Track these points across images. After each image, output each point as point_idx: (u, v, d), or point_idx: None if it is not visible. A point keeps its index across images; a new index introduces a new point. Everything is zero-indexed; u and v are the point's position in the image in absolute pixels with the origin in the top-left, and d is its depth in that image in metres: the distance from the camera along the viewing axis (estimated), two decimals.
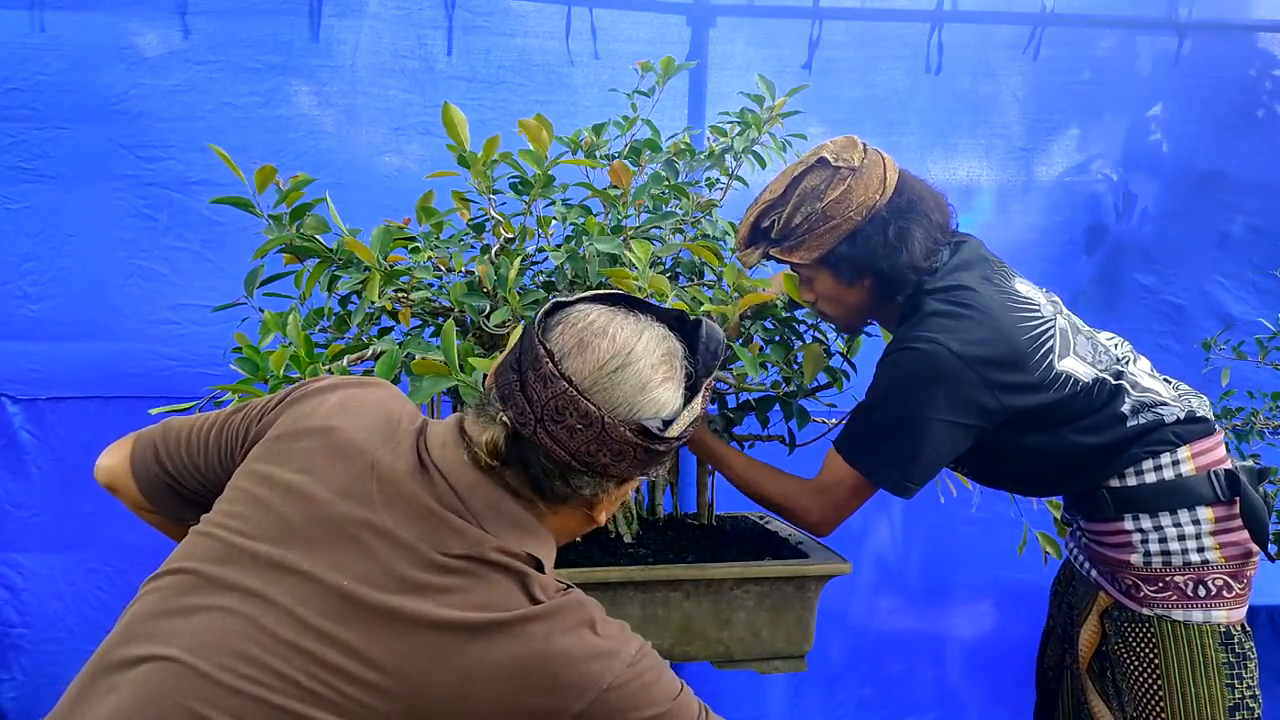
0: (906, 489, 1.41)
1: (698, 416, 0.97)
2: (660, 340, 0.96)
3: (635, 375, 0.92)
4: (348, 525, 0.89)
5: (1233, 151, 2.81)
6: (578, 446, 0.91)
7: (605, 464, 0.92)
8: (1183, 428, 1.45)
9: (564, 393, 0.90)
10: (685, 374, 0.96)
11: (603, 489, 0.95)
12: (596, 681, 0.87)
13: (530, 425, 0.91)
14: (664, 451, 0.95)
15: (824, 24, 2.65)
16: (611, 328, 0.94)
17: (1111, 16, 2.77)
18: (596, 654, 0.88)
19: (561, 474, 0.93)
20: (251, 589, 0.86)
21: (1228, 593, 1.42)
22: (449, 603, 0.86)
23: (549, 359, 0.91)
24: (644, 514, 1.74)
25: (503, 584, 0.88)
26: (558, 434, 0.91)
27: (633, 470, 0.95)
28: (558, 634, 0.88)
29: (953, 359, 1.35)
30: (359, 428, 0.95)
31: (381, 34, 2.47)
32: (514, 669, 0.85)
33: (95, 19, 2.34)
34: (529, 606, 0.88)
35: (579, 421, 0.90)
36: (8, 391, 2.32)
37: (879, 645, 2.76)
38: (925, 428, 1.37)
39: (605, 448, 0.91)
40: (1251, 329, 2.60)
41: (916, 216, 1.44)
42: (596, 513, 0.99)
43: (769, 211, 1.47)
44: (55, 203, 2.33)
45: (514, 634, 0.86)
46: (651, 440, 0.92)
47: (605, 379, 0.91)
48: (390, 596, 0.85)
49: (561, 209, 1.57)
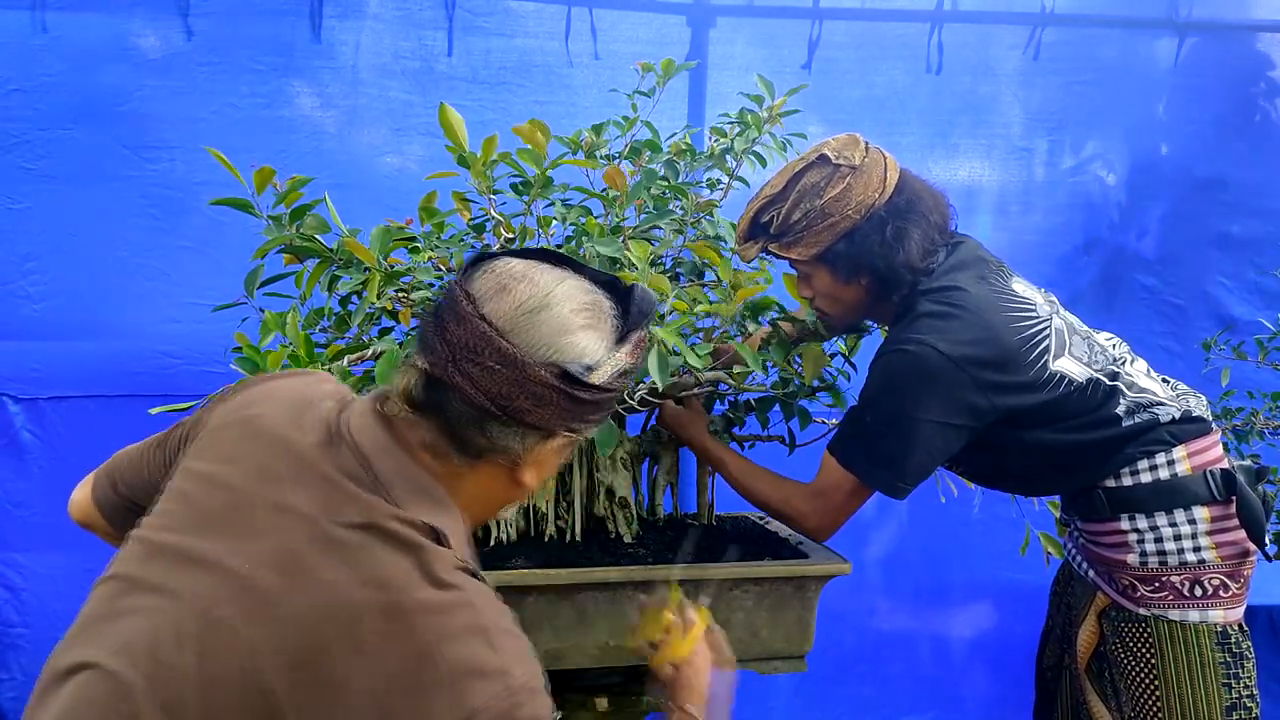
0: (899, 490, 1.42)
1: (625, 369, 0.94)
2: (584, 291, 0.93)
3: (555, 318, 0.90)
4: (257, 508, 0.88)
5: (1233, 151, 2.81)
6: (495, 388, 0.88)
7: (524, 409, 0.89)
8: (1178, 427, 1.45)
9: (481, 333, 0.88)
10: (613, 327, 0.94)
11: (525, 443, 0.91)
12: (466, 702, 0.81)
13: (446, 367, 0.89)
14: (588, 401, 0.91)
15: (824, 24, 2.65)
16: (532, 273, 0.92)
17: (1111, 16, 2.77)
18: (477, 671, 0.83)
19: (478, 421, 0.89)
20: (167, 586, 0.86)
21: (1224, 592, 1.42)
22: (339, 579, 0.83)
23: (467, 300, 0.89)
24: (644, 514, 1.74)
25: (395, 558, 0.84)
26: (474, 374, 0.88)
27: (555, 421, 0.91)
28: (447, 638, 0.82)
29: (942, 360, 1.36)
30: (276, 411, 0.95)
31: (382, 35, 2.47)
32: (397, 662, 0.82)
33: (97, 20, 2.34)
34: (423, 592, 0.83)
35: (496, 361, 0.87)
36: (9, 391, 2.33)
37: (879, 645, 2.76)
38: (916, 429, 1.38)
39: (523, 390, 0.88)
40: (1251, 329, 2.60)
41: (914, 217, 1.44)
42: (520, 473, 0.94)
43: (769, 207, 1.47)
44: (58, 203, 2.33)
45: (403, 623, 0.82)
46: (573, 385, 0.89)
47: (524, 319, 0.89)
48: (280, 578, 0.83)
49: (561, 209, 1.57)
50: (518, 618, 0.90)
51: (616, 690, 1.52)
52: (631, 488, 1.66)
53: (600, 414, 0.95)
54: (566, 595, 1.41)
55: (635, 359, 0.96)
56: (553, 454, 0.96)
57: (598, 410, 0.94)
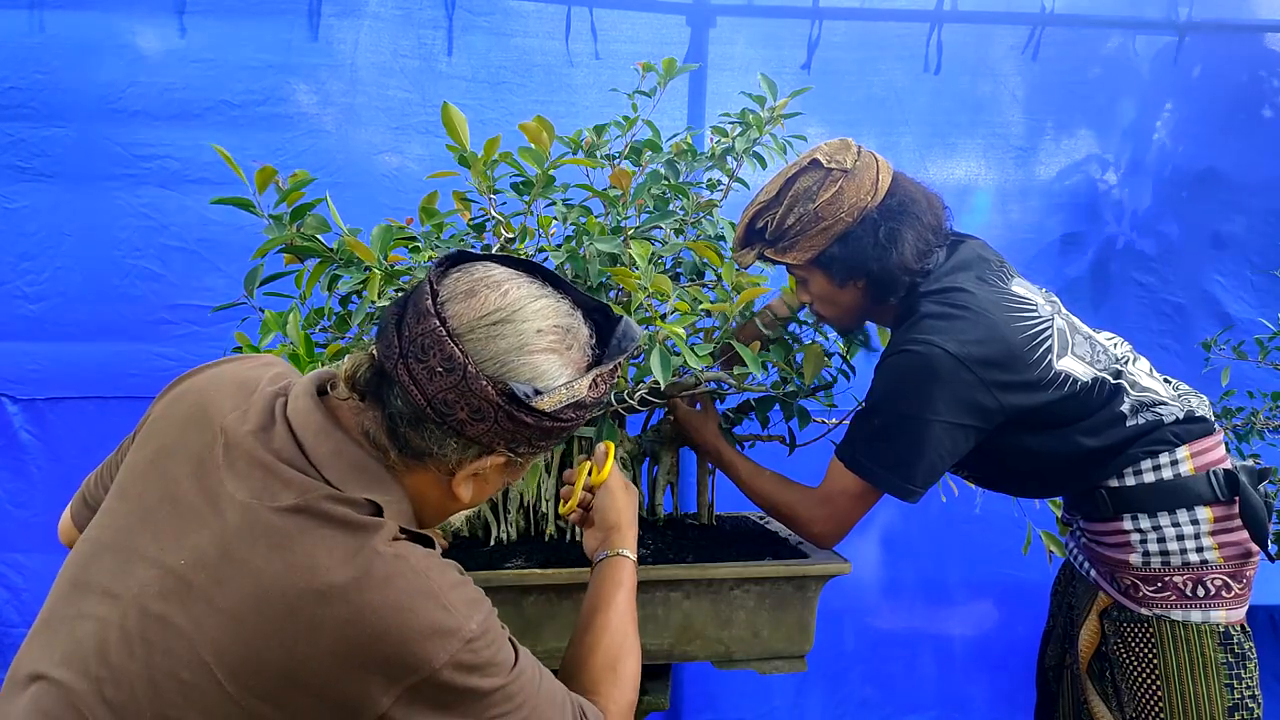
0: (911, 493, 1.41)
1: (581, 402, 0.89)
2: (561, 314, 0.90)
3: (515, 333, 0.86)
4: (192, 499, 0.87)
5: (1232, 151, 2.81)
6: (435, 392, 0.85)
7: (462, 420, 0.86)
8: (1181, 428, 1.45)
9: (434, 331, 0.85)
10: (584, 355, 0.90)
11: (462, 454, 0.89)
12: (429, 661, 0.81)
13: (394, 359, 0.86)
14: (531, 425, 0.87)
15: (824, 24, 2.65)
16: (509, 284, 0.89)
17: (1111, 16, 2.77)
18: (434, 630, 0.82)
19: (416, 422, 0.87)
20: (110, 588, 0.85)
21: (1227, 593, 1.42)
22: (270, 566, 0.81)
23: (430, 296, 0.86)
24: (644, 514, 1.73)
25: (329, 538, 0.83)
26: (418, 373, 0.85)
27: (494, 439, 0.87)
28: (392, 609, 0.81)
29: (949, 360, 1.35)
30: (218, 397, 0.93)
31: (381, 33, 2.46)
32: (342, 643, 0.80)
33: (94, 18, 2.33)
34: (361, 569, 0.81)
35: (441, 364, 0.84)
36: (7, 391, 2.32)
37: (880, 645, 2.76)
38: (926, 430, 1.37)
39: (464, 400, 0.85)
40: (1251, 329, 2.60)
41: (908, 219, 1.44)
42: (456, 485, 0.92)
43: (763, 212, 1.48)
44: (54, 202, 2.33)
45: (343, 603, 0.80)
46: (516, 406, 0.86)
47: (483, 329, 0.86)
48: (215, 570, 0.82)
49: (562, 209, 1.57)
50: (520, 617, 0.90)
51: None
52: None
53: (547, 441, 0.91)
54: (566, 595, 1.40)
55: (598, 393, 0.92)
56: (494, 472, 0.94)
57: (544, 437, 0.90)
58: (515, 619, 1.39)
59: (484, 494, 0.98)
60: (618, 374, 0.95)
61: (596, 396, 0.92)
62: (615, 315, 0.94)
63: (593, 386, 0.91)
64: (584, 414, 0.92)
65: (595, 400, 0.92)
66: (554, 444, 0.95)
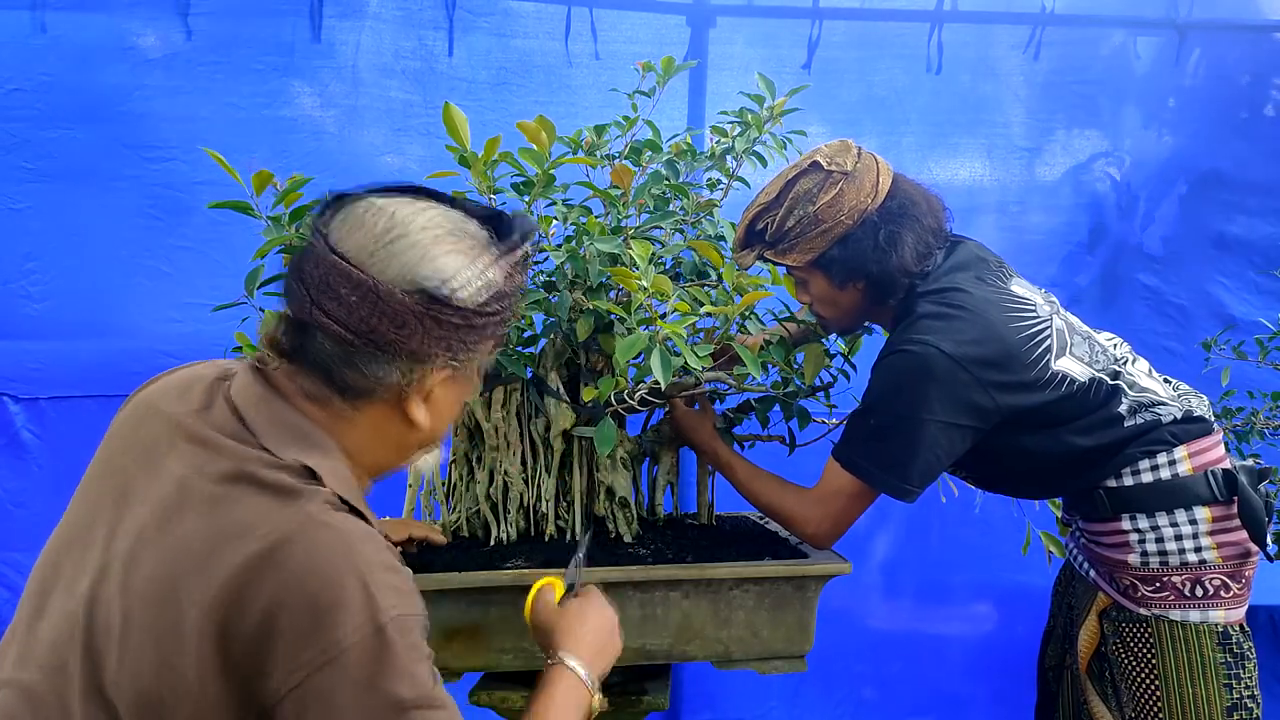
0: (908, 492, 1.41)
1: (501, 291, 0.91)
2: (453, 220, 0.90)
3: (413, 245, 0.87)
4: (140, 483, 0.88)
5: (1233, 151, 2.81)
6: (355, 320, 0.86)
7: (390, 337, 0.86)
8: (1180, 427, 1.45)
9: (334, 266, 0.86)
10: (488, 251, 0.90)
11: (404, 375, 0.89)
12: (333, 636, 0.78)
13: (306, 307, 0.87)
14: (458, 324, 0.88)
15: (824, 24, 2.65)
16: (393, 207, 0.89)
17: (1111, 16, 2.77)
18: (344, 605, 0.79)
19: (348, 358, 0.87)
20: (66, 584, 0.86)
21: (1225, 593, 1.42)
22: (205, 530, 0.81)
23: (322, 239, 0.87)
24: (644, 514, 1.74)
25: (263, 502, 0.82)
26: (333, 310, 0.86)
27: (427, 347, 0.88)
28: (311, 574, 0.79)
29: (946, 360, 1.36)
30: (165, 395, 0.95)
31: (382, 35, 2.47)
32: (262, 606, 0.78)
33: (97, 20, 2.34)
34: (287, 533, 0.80)
35: (352, 293, 0.85)
36: (9, 390, 2.33)
37: (879, 646, 2.76)
38: (922, 430, 1.37)
39: (384, 317, 0.86)
40: (1252, 329, 2.60)
41: (908, 221, 1.45)
42: (410, 409, 0.92)
43: (763, 214, 1.48)
44: (58, 203, 2.34)
45: (267, 565, 0.79)
46: (436, 306, 0.87)
47: (381, 250, 0.86)
48: (151, 542, 0.83)
49: (562, 209, 1.57)
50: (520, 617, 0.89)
51: (616, 690, 1.52)
52: (631, 488, 1.66)
53: (479, 339, 0.92)
54: (567, 595, 1.41)
55: (514, 284, 0.93)
56: (443, 389, 0.94)
57: (475, 334, 0.91)
58: (515, 619, 1.39)
59: (441, 419, 0.97)
60: (529, 264, 0.97)
61: (514, 286, 0.93)
62: (507, 215, 0.95)
63: (508, 277, 0.92)
64: (507, 304, 0.93)
65: (515, 290, 0.94)
66: (490, 347, 0.95)
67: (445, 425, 0.99)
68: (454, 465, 1.65)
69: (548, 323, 1.59)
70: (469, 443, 1.63)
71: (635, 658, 1.44)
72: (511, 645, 1.41)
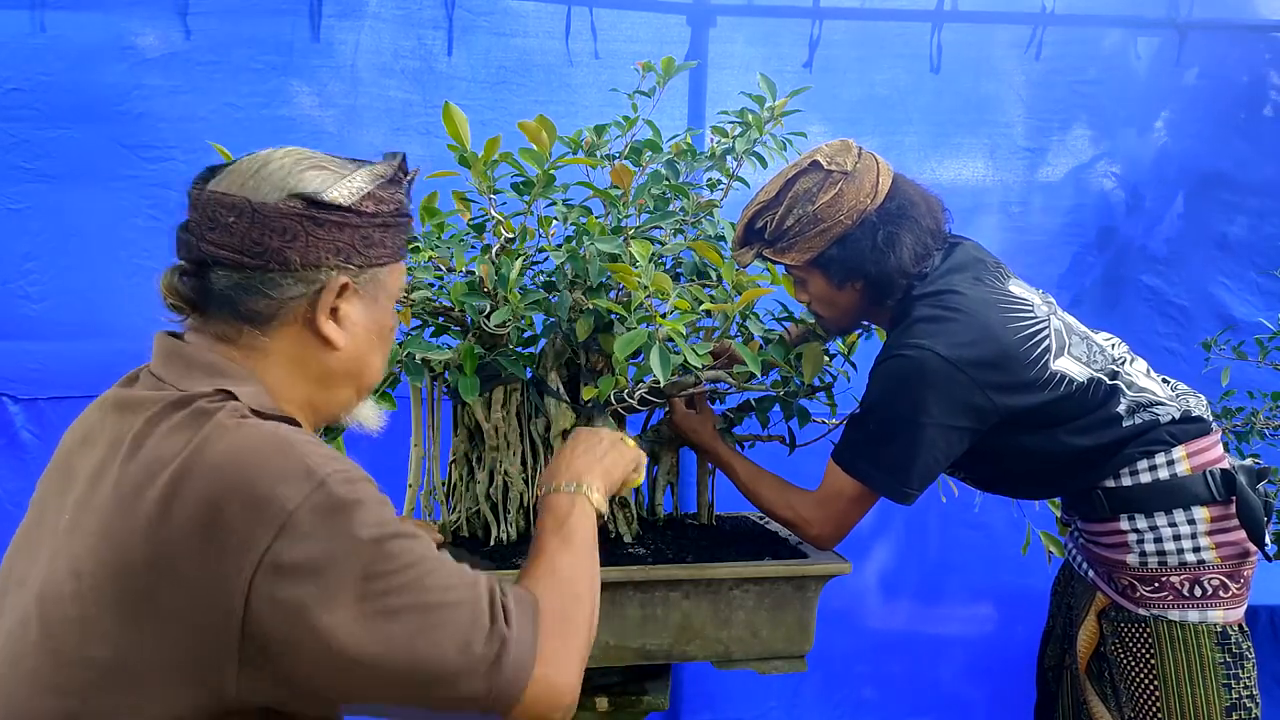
0: (906, 495, 1.42)
1: (370, 192, 0.94)
2: (318, 154, 0.96)
3: (279, 169, 0.91)
4: (78, 467, 0.89)
5: (1234, 151, 2.81)
6: (241, 241, 0.88)
7: (276, 246, 0.89)
8: (1178, 427, 1.45)
9: (212, 198, 0.90)
10: (354, 166, 0.96)
11: (304, 287, 0.91)
12: (283, 506, 0.77)
13: (194, 247, 0.91)
14: (340, 223, 0.91)
15: (824, 24, 2.65)
16: (255, 152, 0.95)
17: (1111, 16, 2.77)
18: (284, 475, 0.79)
19: (244, 283, 0.90)
20: (19, 579, 0.86)
21: (1224, 593, 1.42)
22: (128, 469, 0.81)
23: (197, 186, 0.92)
24: (644, 514, 1.74)
25: (177, 426, 0.83)
26: (219, 238, 0.89)
27: (315, 250, 0.90)
28: (233, 463, 0.79)
29: (942, 363, 1.36)
30: (109, 392, 0.97)
31: (382, 34, 2.47)
32: (195, 511, 0.77)
33: (96, 19, 2.34)
34: (202, 443, 0.80)
35: (231, 216, 0.89)
36: (9, 391, 2.32)
37: (879, 646, 2.76)
38: (920, 433, 1.38)
39: (266, 229, 0.88)
40: (1253, 329, 2.60)
41: (906, 222, 1.45)
42: (321, 327, 0.92)
43: (763, 213, 1.48)
44: (57, 203, 2.33)
45: (191, 471, 0.79)
46: (312, 207, 0.90)
47: (252, 178, 0.91)
48: (85, 502, 0.83)
49: (562, 209, 1.57)
50: None
51: (616, 690, 1.52)
52: (631, 488, 1.66)
53: (365, 243, 0.93)
54: None
55: (389, 192, 0.97)
56: (351, 307, 0.95)
57: (359, 237, 0.93)
58: None
59: (359, 343, 0.97)
60: (406, 180, 1.02)
61: (391, 193, 0.97)
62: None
63: (381, 185, 0.96)
64: (383, 209, 0.96)
65: (392, 196, 0.97)
66: (382, 255, 0.96)
67: (368, 354, 0.99)
68: (454, 465, 1.65)
69: (548, 323, 1.59)
70: (469, 443, 1.63)
71: (635, 658, 1.44)
72: None
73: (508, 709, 0.83)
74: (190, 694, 0.78)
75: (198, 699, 0.78)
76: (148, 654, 0.78)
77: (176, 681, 0.78)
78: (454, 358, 1.44)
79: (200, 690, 0.78)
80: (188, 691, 0.78)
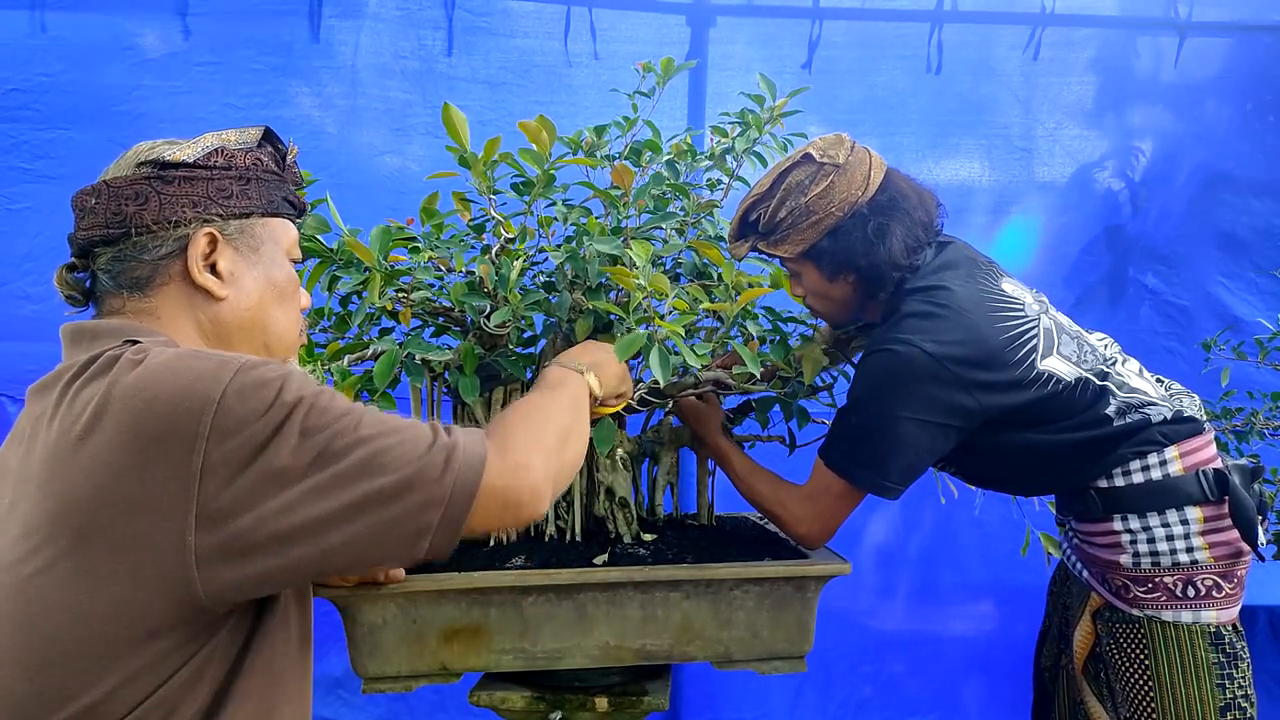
0: (887, 489, 1.42)
1: (224, 148, 0.99)
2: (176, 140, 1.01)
3: (134, 151, 0.99)
4: (11, 462, 0.90)
5: (1234, 151, 2.81)
6: (104, 217, 0.95)
7: (135, 213, 0.95)
8: (1170, 428, 1.45)
9: (77, 194, 0.98)
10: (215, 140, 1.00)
11: (171, 244, 0.96)
12: (208, 398, 0.80)
13: (72, 240, 0.99)
14: (188, 179, 0.97)
15: (824, 24, 2.65)
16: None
17: (1111, 16, 2.77)
18: (202, 374, 0.82)
19: (121, 256, 0.96)
20: None
21: (1217, 593, 1.42)
22: (57, 425, 0.84)
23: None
24: (644, 514, 1.74)
25: (94, 376, 0.85)
26: (87, 222, 0.97)
27: (172, 207, 0.96)
28: (150, 381, 0.82)
29: (927, 359, 1.36)
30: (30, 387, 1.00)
31: (382, 35, 2.47)
32: (123, 436, 0.80)
33: (96, 20, 2.34)
34: (115, 372, 0.84)
35: (92, 199, 0.96)
36: (8, 392, 2.33)
37: (879, 646, 2.76)
38: (900, 428, 1.38)
39: (122, 200, 0.95)
40: (1253, 329, 2.60)
41: (897, 214, 1.46)
42: (199, 279, 0.97)
43: (757, 205, 1.50)
44: (56, 203, 2.33)
45: (111, 403, 0.82)
46: (159, 169, 0.96)
47: (108, 169, 0.99)
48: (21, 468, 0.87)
49: (562, 209, 1.57)
50: (520, 618, 0.88)
51: (616, 690, 1.52)
52: (631, 488, 1.66)
53: (221, 194, 0.98)
54: (566, 595, 1.41)
55: (234, 145, 1.01)
56: (228, 259, 0.99)
57: (214, 188, 0.98)
58: (515, 619, 1.39)
59: (246, 292, 1.01)
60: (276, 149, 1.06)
61: (247, 152, 1.01)
62: None
63: (237, 145, 1.01)
64: (237, 162, 1.00)
65: (248, 155, 1.02)
66: (245, 205, 1.01)
67: (266, 306, 1.03)
68: None
69: (548, 323, 1.59)
70: None
71: (635, 658, 1.44)
72: (511, 645, 1.41)
73: (467, 502, 0.86)
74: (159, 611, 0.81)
75: (165, 617, 0.81)
76: (115, 590, 0.80)
77: (145, 613, 0.80)
78: (454, 358, 1.44)
79: (167, 604, 0.81)
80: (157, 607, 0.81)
